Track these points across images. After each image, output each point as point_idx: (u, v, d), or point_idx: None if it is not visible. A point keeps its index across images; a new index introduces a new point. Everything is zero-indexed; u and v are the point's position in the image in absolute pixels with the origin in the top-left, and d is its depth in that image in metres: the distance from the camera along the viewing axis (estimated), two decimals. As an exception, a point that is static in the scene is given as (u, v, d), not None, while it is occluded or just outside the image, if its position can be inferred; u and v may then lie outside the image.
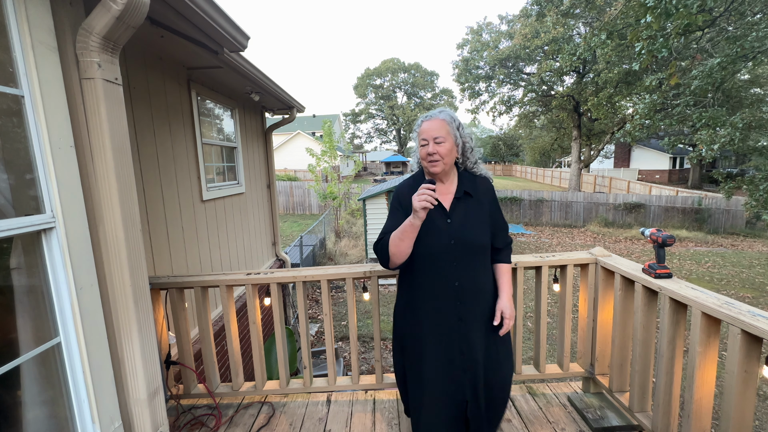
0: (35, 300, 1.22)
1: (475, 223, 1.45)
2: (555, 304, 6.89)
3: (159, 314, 2.17)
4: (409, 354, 1.55)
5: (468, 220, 1.45)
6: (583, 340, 2.26)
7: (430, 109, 51.41)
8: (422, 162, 1.49)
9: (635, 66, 7.23)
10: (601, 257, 2.13)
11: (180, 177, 3.13)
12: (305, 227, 14.75)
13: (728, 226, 14.72)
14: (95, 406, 1.31)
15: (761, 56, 7.31)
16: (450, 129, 1.44)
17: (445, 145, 1.42)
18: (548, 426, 2.01)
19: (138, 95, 2.60)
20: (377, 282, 2.18)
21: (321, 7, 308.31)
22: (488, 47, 22.64)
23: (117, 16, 1.20)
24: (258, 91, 4.23)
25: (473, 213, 1.47)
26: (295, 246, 9.19)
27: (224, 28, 2.14)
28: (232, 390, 2.26)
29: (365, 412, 2.19)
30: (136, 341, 1.43)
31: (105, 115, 1.30)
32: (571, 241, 13.46)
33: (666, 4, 5.92)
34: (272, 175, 5.72)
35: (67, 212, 1.23)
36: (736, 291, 8.20)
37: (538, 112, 24.70)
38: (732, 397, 1.35)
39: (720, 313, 1.40)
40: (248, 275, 2.17)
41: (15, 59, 1.11)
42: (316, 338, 6.67)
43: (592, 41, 10.09)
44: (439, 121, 1.44)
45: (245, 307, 3.89)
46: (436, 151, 1.41)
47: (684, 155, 28.34)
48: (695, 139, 8.94)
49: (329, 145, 14.11)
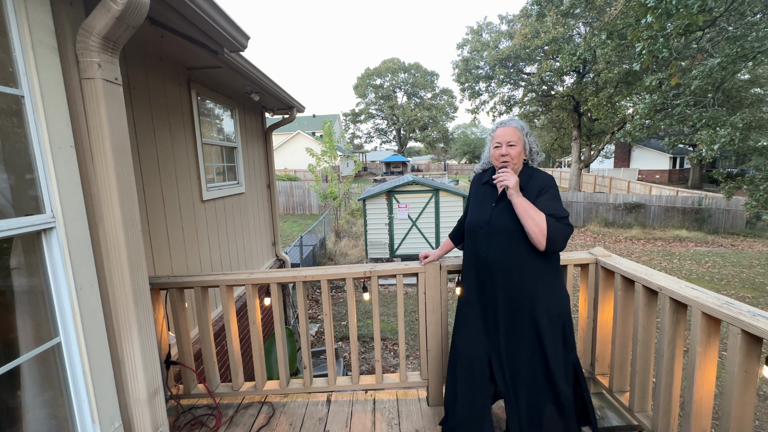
0: (35, 300, 1.23)
1: (513, 210, 1.62)
2: (555, 304, 6.87)
3: (159, 314, 2.17)
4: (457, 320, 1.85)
5: (508, 207, 1.65)
6: (583, 340, 2.26)
7: (430, 109, 51.41)
8: (494, 162, 1.74)
9: (635, 66, 7.22)
10: (601, 257, 2.13)
11: (180, 177, 3.13)
12: (305, 227, 14.75)
13: (728, 226, 14.71)
14: (95, 406, 1.31)
15: (761, 56, 7.30)
16: (521, 135, 1.69)
17: (515, 148, 1.67)
18: (548, 426, 2.01)
19: (138, 95, 2.60)
20: (377, 282, 2.18)
21: (321, 7, 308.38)
22: (488, 47, 22.62)
23: (117, 17, 1.20)
24: (258, 91, 4.23)
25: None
26: (295, 246, 9.19)
27: (224, 28, 2.14)
28: (232, 390, 2.26)
29: (365, 412, 2.19)
30: (136, 341, 1.43)
31: (105, 115, 1.30)
32: (571, 241, 13.46)
33: (666, 4, 5.92)
34: (272, 175, 5.72)
35: (67, 212, 1.23)
36: (736, 291, 8.19)
37: (538, 112, 24.67)
38: (732, 397, 1.35)
39: (720, 313, 1.40)
40: (248, 275, 2.17)
41: (15, 59, 1.11)
42: (316, 338, 6.67)
43: (592, 41, 10.09)
44: (512, 128, 1.69)
45: (245, 307, 3.89)
46: (508, 153, 1.66)
47: (684, 155, 28.33)
48: (695, 139, 8.93)
49: (329, 145, 14.11)
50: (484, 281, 1.71)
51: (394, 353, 6.12)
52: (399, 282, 2.21)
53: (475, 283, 1.75)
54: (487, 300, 1.71)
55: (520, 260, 1.63)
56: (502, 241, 1.65)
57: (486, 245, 1.68)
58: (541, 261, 1.63)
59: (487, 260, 1.68)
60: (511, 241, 1.63)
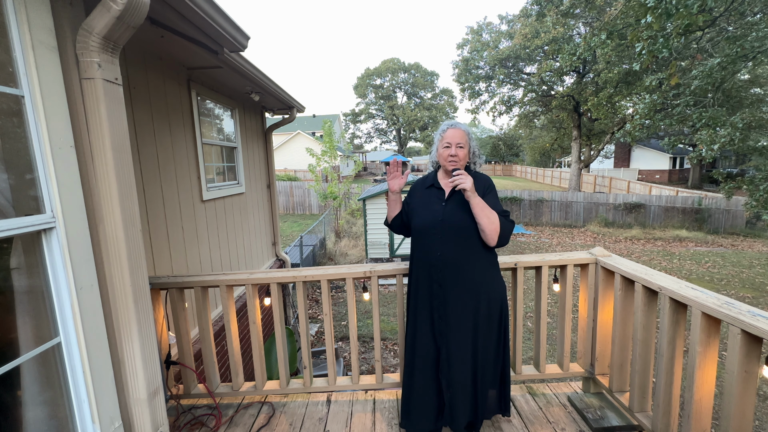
0: (35, 300, 1.22)
1: (464, 209, 1.72)
2: (555, 304, 6.89)
3: (159, 314, 2.17)
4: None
5: (458, 206, 1.75)
6: (583, 340, 2.26)
7: (430, 109, 51.38)
8: (441, 161, 1.83)
9: (635, 66, 7.22)
10: (601, 257, 2.13)
11: (180, 177, 3.13)
12: (305, 227, 14.75)
13: (728, 226, 14.70)
14: (95, 406, 1.31)
15: (761, 56, 7.30)
16: (468, 138, 1.81)
17: (463, 150, 1.78)
18: (548, 426, 2.01)
19: (138, 95, 2.60)
20: (377, 282, 2.18)
21: (321, 7, 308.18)
22: (488, 47, 22.62)
23: (117, 16, 1.20)
24: (258, 91, 4.23)
25: (466, 202, 1.72)
26: (295, 246, 9.19)
27: (224, 28, 2.14)
28: (232, 390, 2.26)
29: (365, 412, 2.19)
30: (136, 341, 1.43)
31: (105, 115, 1.30)
32: (571, 241, 13.46)
33: (666, 4, 5.92)
34: (272, 175, 5.72)
35: (67, 212, 1.23)
36: (736, 291, 8.19)
37: (538, 112, 24.67)
38: (732, 397, 1.35)
39: (720, 313, 1.40)
40: (248, 275, 2.17)
41: (15, 59, 1.11)
42: (316, 338, 6.67)
43: (592, 41, 10.08)
44: (461, 131, 1.80)
45: (245, 307, 3.89)
46: (456, 154, 1.76)
47: (684, 155, 28.34)
48: (695, 139, 8.93)
49: (329, 145, 14.10)
50: (436, 280, 1.76)
51: (394, 353, 6.12)
52: (399, 282, 2.21)
53: (427, 284, 1.78)
54: (438, 299, 1.76)
55: (472, 255, 1.74)
56: (455, 238, 1.73)
57: (440, 243, 1.74)
58: (488, 255, 1.77)
59: (440, 258, 1.73)
60: (465, 238, 1.73)
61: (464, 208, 1.72)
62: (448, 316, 1.75)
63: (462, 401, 1.76)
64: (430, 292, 1.78)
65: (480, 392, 1.79)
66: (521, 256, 2.18)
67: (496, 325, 1.80)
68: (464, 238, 1.73)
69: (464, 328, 1.75)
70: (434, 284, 1.76)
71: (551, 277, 2.28)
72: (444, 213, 1.76)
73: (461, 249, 1.73)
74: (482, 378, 1.79)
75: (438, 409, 1.83)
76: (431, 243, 1.76)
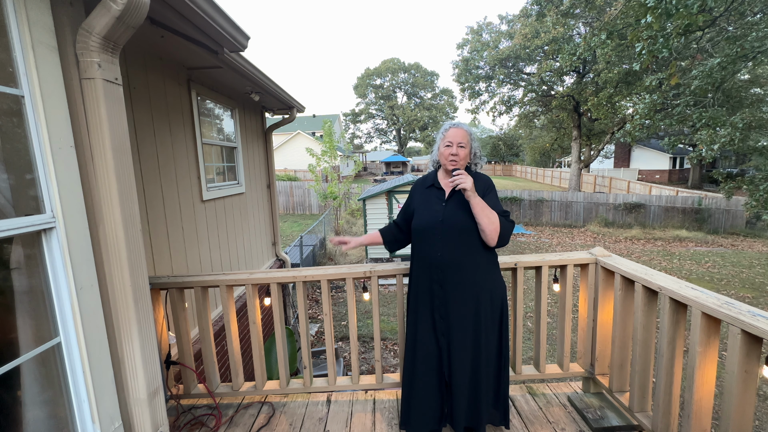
0: (35, 300, 1.22)
1: (464, 209, 1.72)
2: (555, 304, 6.89)
3: (159, 314, 2.17)
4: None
5: (459, 206, 1.74)
6: (583, 340, 2.26)
7: (430, 110, 51.39)
8: (442, 159, 1.81)
9: (635, 66, 7.22)
10: (601, 257, 2.13)
11: (180, 177, 3.13)
12: (305, 227, 14.75)
13: (728, 226, 14.71)
14: (95, 406, 1.31)
15: (761, 56, 7.29)
16: (469, 139, 1.80)
17: (464, 150, 1.77)
18: (548, 426, 2.01)
19: (138, 95, 2.60)
20: (377, 282, 2.18)
21: (321, 7, 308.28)
22: (488, 47, 22.62)
23: (117, 16, 1.20)
24: (258, 91, 4.22)
25: (466, 202, 1.71)
26: (295, 246, 9.19)
27: (224, 28, 2.14)
28: (232, 390, 2.26)
29: (365, 412, 2.19)
30: (136, 341, 1.43)
31: (105, 115, 1.30)
32: (571, 241, 13.46)
33: (666, 4, 5.92)
34: (272, 175, 5.72)
35: (67, 212, 1.23)
36: (736, 291, 8.19)
37: (538, 112, 24.68)
38: (732, 397, 1.35)
39: (720, 313, 1.40)
40: (248, 275, 2.17)
41: (15, 59, 1.11)
42: (316, 338, 6.67)
43: (592, 41, 10.08)
44: (463, 131, 1.79)
45: (245, 307, 3.89)
46: (457, 153, 1.75)
47: (684, 155, 28.32)
48: (695, 139, 8.93)
49: (329, 145, 14.11)
50: (436, 280, 1.75)
51: (394, 353, 6.12)
52: (399, 282, 2.21)
53: (428, 284, 1.78)
54: (439, 300, 1.76)
55: (473, 256, 1.73)
56: (456, 238, 1.72)
57: (440, 243, 1.73)
58: (488, 255, 1.76)
59: (440, 258, 1.73)
60: (465, 238, 1.72)
61: (464, 209, 1.72)
62: (450, 316, 1.74)
63: (462, 401, 1.76)
64: (431, 292, 1.77)
65: (480, 392, 1.79)
66: (521, 256, 2.18)
67: (497, 325, 1.80)
68: (464, 239, 1.72)
69: (465, 328, 1.74)
70: (434, 284, 1.76)
71: (551, 277, 2.28)
72: (444, 213, 1.76)
73: (461, 249, 1.72)
74: (482, 378, 1.79)
75: (438, 409, 1.83)
76: (431, 243, 1.75)
